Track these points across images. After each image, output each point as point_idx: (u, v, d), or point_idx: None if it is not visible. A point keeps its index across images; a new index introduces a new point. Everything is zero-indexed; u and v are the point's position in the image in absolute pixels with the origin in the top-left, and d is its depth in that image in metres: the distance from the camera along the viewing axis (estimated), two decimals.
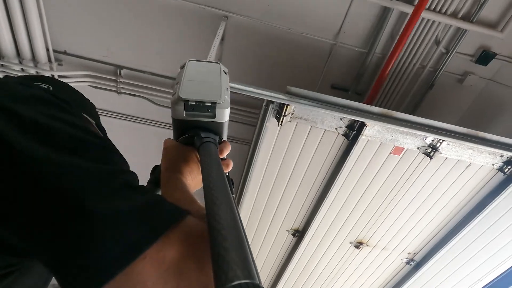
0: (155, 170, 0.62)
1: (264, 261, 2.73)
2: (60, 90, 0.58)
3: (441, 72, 2.32)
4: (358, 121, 1.74)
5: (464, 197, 2.14)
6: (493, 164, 1.94)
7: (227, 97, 0.57)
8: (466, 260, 2.45)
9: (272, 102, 1.68)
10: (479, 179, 2.03)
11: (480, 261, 2.43)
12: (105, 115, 2.58)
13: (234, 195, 0.53)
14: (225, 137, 0.63)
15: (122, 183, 0.37)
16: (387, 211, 2.26)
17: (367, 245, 2.51)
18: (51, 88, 0.55)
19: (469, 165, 1.96)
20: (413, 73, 2.32)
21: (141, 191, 0.39)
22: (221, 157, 0.58)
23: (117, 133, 2.67)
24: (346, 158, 1.90)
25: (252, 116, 2.59)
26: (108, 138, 0.57)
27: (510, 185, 1.96)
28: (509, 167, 1.92)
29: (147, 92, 2.42)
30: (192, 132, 0.58)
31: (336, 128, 1.81)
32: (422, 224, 2.33)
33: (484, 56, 2.22)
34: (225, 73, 0.64)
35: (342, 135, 1.84)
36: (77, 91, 0.66)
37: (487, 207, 2.09)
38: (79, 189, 0.33)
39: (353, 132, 1.79)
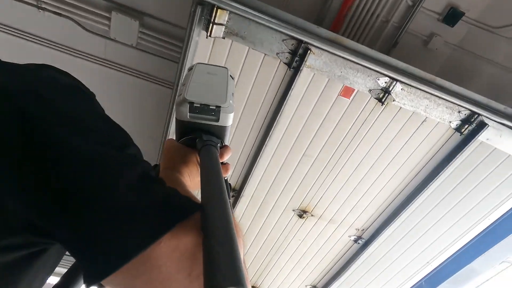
0: (155, 169, 0.60)
1: None
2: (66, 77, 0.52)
3: (406, 29, 2.13)
4: (302, 43, 1.48)
5: (417, 162, 1.92)
6: (450, 122, 1.74)
7: (232, 102, 0.58)
8: (416, 238, 2.24)
9: (201, 3, 1.38)
10: (434, 139, 1.82)
11: (430, 240, 2.23)
12: (20, 37, 2.17)
13: (230, 200, 0.52)
14: (227, 142, 0.63)
15: (141, 173, 0.37)
16: (334, 172, 2.01)
17: (312, 215, 2.25)
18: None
19: (424, 120, 1.75)
20: (376, 26, 2.12)
21: (158, 182, 0.39)
22: (221, 161, 0.58)
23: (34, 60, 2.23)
24: (288, 93, 1.63)
25: (176, 50, 2.25)
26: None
27: (466, 148, 1.77)
28: (466, 126, 1.72)
29: (76, 12, 2.06)
30: (194, 134, 0.58)
31: (278, 54, 1.54)
32: (372, 193, 2.09)
33: (452, 15, 2.06)
34: (232, 78, 0.64)
35: (284, 63, 1.57)
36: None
37: (440, 173, 1.88)
38: (104, 176, 0.34)
39: (296, 58, 1.52)
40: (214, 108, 0.55)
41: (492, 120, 1.68)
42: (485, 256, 2.20)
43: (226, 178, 0.63)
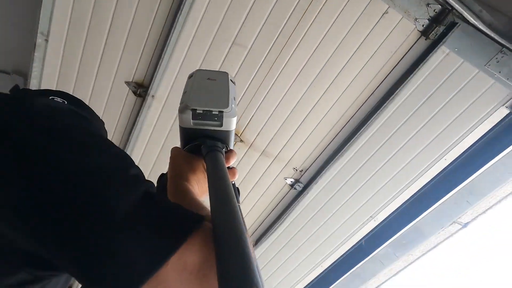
0: (162, 178, 0.65)
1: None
2: (75, 104, 0.54)
3: None
4: None
5: (372, 76, 1.55)
6: (416, 20, 1.38)
7: (234, 106, 0.58)
8: (362, 182, 1.89)
9: None
10: (395, 44, 1.45)
11: (376, 186, 1.89)
12: None
13: (239, 204, 0.49)
14: (231, 146, 0.63)
15: (143, 192, 0.36)
16: (267, 85, 1.59)
17: (242, 141, 1.82)
18: (66, 102, 0.52)
19: (386, 12, 1.37)
20: None
21: (160, 199, 0.38)
22: (227, 165, 0.59)
23: None
24: None
25: None
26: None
27: (430, 57, 1.42)
28: (434, 25, 1.37)
29: None
30: (199, 140, 0.59)
31: None
32: (315, 118, 1.70)
33: None
34: (233, 82, 0.65)
35: None
36: (89, 107, 0.61)
37: (399, 89, 1.53)
38: (107, 200, 0.33)
39: None
40: (217, 113, 0.56)
41: (465, 21, 1.34)
42: (435, 212, 1.91)
43: (233, 182, 0.63)
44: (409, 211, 1.95)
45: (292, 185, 2.00)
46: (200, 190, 0.56)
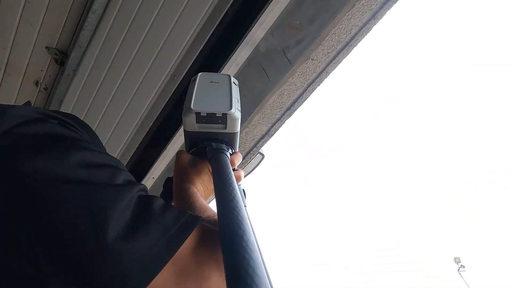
0: (168, 183, 0.66)
1: None
2: (78, 126, 0.48)
3: None
4: None
5: None
6: None
7: (238, 108, 0.59)
8: None
9: None
10: None
11: None
12: None
13: (246, 206, 0.50)
14: (236, 148, 0.64)
15: (136, 199, 0.35)
16: None
17: None
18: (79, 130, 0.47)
19: None
20: None
21: (153, 202, 0.36)
22: (232, 167, 0.58)
23: None
24: None
25: None
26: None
27: None
28: None
29: None
30: (204, 143, 0.59)
31: None
32: None
33: None
34: (235, 84, 0.66)
35: None
36: (92, 130, 0.59)
37: None
38: (98, 220, 0.32)
39: None
40: (221, 115, 0.56)
41: None
42: None
43: (239, 185, 0.63)
44: None
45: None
46: (206, 192, 0.57)
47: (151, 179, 1.65)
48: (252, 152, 1.41)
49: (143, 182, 1.66)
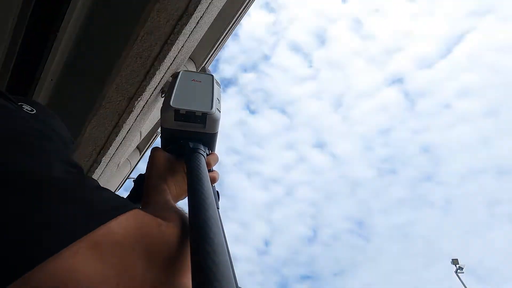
0: (140, 179, 0.61)
1: None
2: (45, 115, 0.50)
3: None
4: None
5: None
6: None
7: (218, 109, 0.58)
8: None
9: None
10: None
11: None
12: None
13: (219, 209, 0.51)
14: (214, 149, 0.62)
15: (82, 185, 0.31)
16: None
17: None
18: (34, 111, 0.47)
19: None
20: None
21: (94, 188, 0.32)
22: (208, 169, 0.57)
23: None
24: None
25: None
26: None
27: None
28: None
29: None
30: (180, 142, 0.57)
31: None
32: None
33: None
34: (218, 85, 0.64)
35: None
36: (61, 121, 0.56)
37: None
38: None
39: None
40: (200, 115, 0.55)
41: None
42: None
43: (214, 186, 0.61)
44: None
45: None
46: (178, 192, 0.55)
47: None
48: None
49: None
